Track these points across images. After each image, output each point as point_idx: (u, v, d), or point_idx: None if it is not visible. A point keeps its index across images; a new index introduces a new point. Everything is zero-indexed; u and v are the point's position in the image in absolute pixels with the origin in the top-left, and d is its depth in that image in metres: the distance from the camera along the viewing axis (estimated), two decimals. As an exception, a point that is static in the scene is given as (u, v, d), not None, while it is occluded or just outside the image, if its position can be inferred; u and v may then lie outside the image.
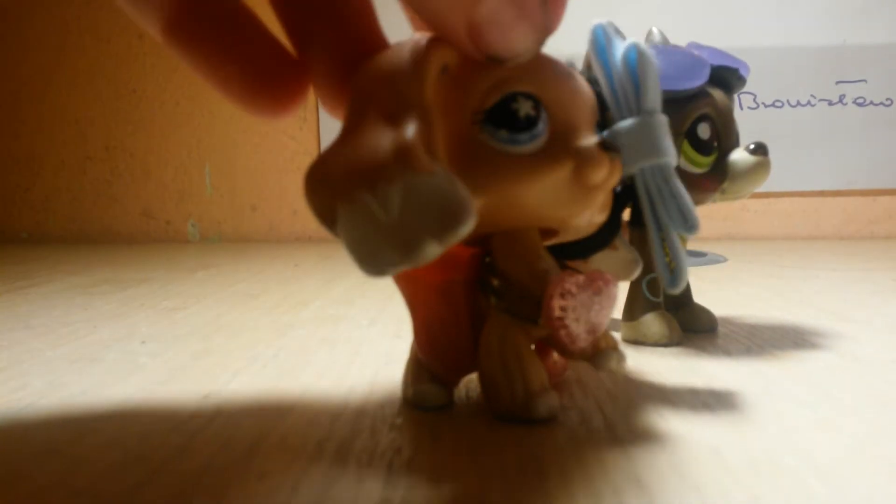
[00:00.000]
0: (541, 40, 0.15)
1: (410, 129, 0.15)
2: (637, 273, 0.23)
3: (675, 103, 0.27)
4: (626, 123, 0.20)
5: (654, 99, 0.20)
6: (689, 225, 0.20)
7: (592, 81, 0.20)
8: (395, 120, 0.15)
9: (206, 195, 0.94)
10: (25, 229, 0.97)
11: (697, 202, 0.28)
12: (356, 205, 0.14)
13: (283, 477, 0.16)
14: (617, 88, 0.21)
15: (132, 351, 0.29)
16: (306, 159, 0.91)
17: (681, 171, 0.27)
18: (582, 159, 0.17)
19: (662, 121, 0.20)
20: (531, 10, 0.14)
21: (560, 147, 0.17)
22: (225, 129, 0.93)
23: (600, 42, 0.21)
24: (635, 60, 0.20)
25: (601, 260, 0.21)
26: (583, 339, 0.18)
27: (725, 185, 0.28)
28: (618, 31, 0.26)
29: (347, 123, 0.16)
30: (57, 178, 0.97)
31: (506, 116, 0.17)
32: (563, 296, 0.17)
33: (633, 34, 0.27)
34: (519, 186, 0.17)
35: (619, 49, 0.21)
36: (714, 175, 0.28)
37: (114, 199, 0.96)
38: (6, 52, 0.96)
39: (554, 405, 0.19)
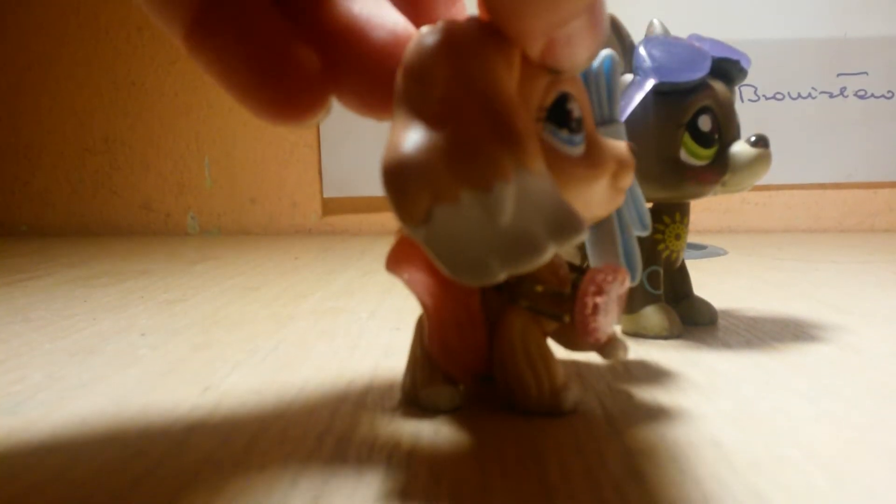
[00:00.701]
0: (596, 55, 0.15)
1: (520, 125, 0.13)
2: None
3: (676, 95, 0.27)
4: (601, 130, 0.21)
5: (618, 109, 0.22)
6: (644, 226, 0.23)
7: None
8: (491, 112, 0.13)
9: (205, 188, 0.94)
10: (25, 222, 0.97)
11: (698, 195, 0.28)
12: (462, 205, 0.13)
13: (283, 470, 0.16)
14: (593, 95, 0.21)
15: (132, 343, 0.29)
16: (306, 152, 0.91)
17: (682, 164, 0.27)
18: (622, 164, 0.17)
19: (624, 130, 0.22)
20: (600, 28, 0.14)
21: (601, 151, 0.17)
22: (224, 121, 0.93)
23: None
24: (610, 71, 0.21)
25: None
26: (605, 332, 0.18)
27: (726, 177, 0.27)
28: (618, 26, 0.26)
29: (415, 113, 0.14)
30: (56, 171, 0.96)
31: (563, 116, 0.16)
32: (597, 293, 0.17)
33: (634, 26, 0.27)
34: (578, 188, 0.17)
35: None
36: (715, 167, 0.27)
37: (113, 192, 0.95)
38: (5, 44, 0.96)
39: (577, 398, 0.19)
